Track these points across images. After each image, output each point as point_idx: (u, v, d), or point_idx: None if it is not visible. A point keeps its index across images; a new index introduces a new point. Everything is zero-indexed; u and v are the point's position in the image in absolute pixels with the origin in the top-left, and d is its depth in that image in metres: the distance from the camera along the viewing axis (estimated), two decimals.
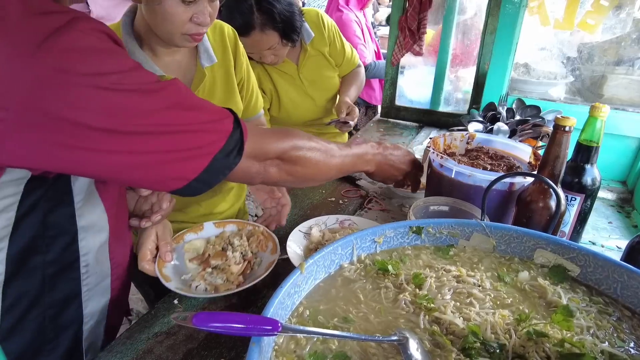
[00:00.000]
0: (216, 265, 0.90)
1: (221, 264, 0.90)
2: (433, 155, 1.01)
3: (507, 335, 0.57)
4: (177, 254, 0.94)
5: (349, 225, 1.07)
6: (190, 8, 0.95)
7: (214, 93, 1.17)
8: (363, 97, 2.85)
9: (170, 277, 0.87)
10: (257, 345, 0.49)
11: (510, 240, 0.75)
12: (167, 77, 1.06)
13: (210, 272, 0.89)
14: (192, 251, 0.96)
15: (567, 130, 0.82)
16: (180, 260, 0.93)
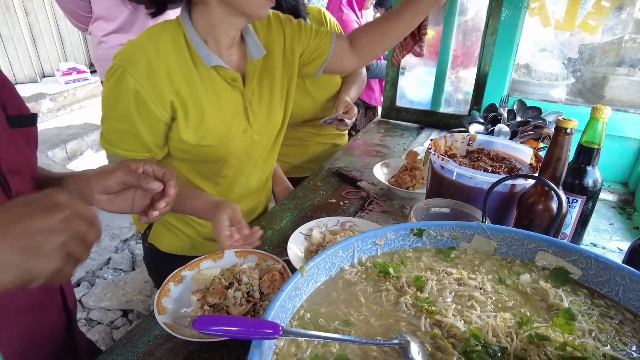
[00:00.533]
0: (214, 304, 0.81)
1: (219, 303, 0.82)
2: (434, 157, 1.01)
3: (508, 338, 0.57)
4: (185, 284, 0.88)
5: (349, 227, 1.07)
6: None
7: (262, 84, 1.18)
8: (363, 98, 2.86)
9: (168, 309, 0.81)
10: (258, 349, 0.49)
11: (511, 243, 0.75)
12: (231, 72, 1.08)
13: (205, 311, 0.80)
14: (200, 282, 0.88)
15: (568, 132, 0.82)
16: (186, 290, 0.87)
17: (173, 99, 1.01)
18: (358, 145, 1.85)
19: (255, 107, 1.17)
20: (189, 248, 1.29)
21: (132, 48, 1.00)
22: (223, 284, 0.84)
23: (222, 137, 1.10)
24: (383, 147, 1.81)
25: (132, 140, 1.03)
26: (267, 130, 1.22)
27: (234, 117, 1.12)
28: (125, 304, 2.39)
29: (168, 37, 1.01)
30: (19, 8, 4.88)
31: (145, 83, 0.97)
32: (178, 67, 1.01)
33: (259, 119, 1.18)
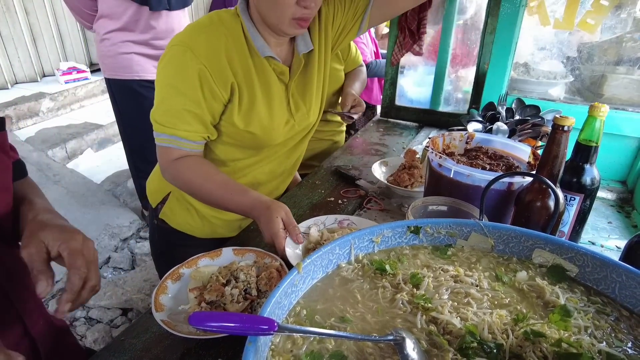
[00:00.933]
0: (211, 301, 0.81)
1: (216, 300, 0.81)
2: (432, 155, 1.01)
3: (504, 335, 0.57)
4: (182, 282, 0.88)
5: (347, 225, 1.07)
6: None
7: (305, 76, 1.21)
8: (362, 96, 2.84)
9: (166, 306, 0.81)
10: (254, 345, 0.49)
11: (508, 240, 0.75)
12: (281, 66, 1.12)
13: (202, 308, 0.80)
14: (198, 279, 0.88)
15: (565, 129, 0.82)
16: (183, 288, 0.87)
17: (233, 81, 1.05)
18: (357, 143, 1.85)
19: (298, 99, 1.21)
20: (198, 228, 1.30)
21: (194, 30, 1.04)
22: (220, 282, 0.84)
23: (267, 126, 1.14)
24: (382, 145, 1.81)
25: (194, 121, 1.05)
26: (306, 121, 1.26)
27: (279, 107, 1.16)
28: (124, 302, 2.39)
29: (227, 24, 1.06)
30: (19, 8, 4.88)
31: (207, 63, 1.01)
32: (236, 53, 1.05)
33: (300, 110, 1.22)
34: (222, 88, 1.04)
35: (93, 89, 5.38)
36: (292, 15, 1.01)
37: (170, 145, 1.06)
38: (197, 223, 1.30)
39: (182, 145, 1.06)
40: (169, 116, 1.04)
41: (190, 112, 1.03)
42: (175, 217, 1.30)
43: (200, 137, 1.08)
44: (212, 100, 1.05)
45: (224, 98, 1.06)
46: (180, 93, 1.02)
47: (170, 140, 1.06)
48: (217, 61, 1.02)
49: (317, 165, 1.63)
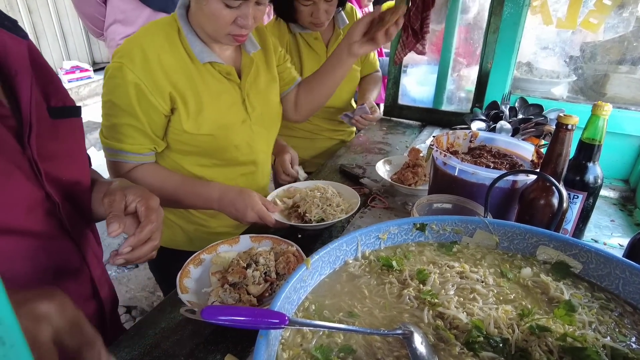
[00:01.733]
0: (234, 283, 0.85)
1: (239, 282, 0.85)
2: (436, 154, 1.02)
3: (510, 330, 0.58)
4: (204, 267, 0.93)
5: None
6: (234, 11, 0.99)
7: (258, 77, 1.24)
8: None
9: (190, 288, 0.85)
10: (265, 339, 0.50)
11: (513, 237, 0.76)
12: (226, 67, 1.12)
13: (225, 289, 0.84)
14: (219, 264, 0.92)
15: (569, 128, 0.83)
16: (205, 272, 0.92)
17: (171, 91, 1.04)
18: (360, 142, 1.86)
19: (253, 99, 1.21)
20: (185, 243, 1.31)
21: (129, 44, 1.04)
22: (241, 265, 0.88)
23: (221, 127, 1.13)
24: (385, 144, 1.82)
25: (136, 134, 1.06)
26: (266, 121, 1.27)
27: (231, 108, 1.16)
28: (128, 300, 2.41)
29: (163, 33, 1.06)
30: (23, 6, 4.90)
31: (143, 76, 1.01)
32: (174, 61, 1.05)
33: (257, 110, 1.22)
34: (160, 99, 1.04)
35: (96, 88, 5.40)
36: (229, 32, 1.03)
37: (118, 160, 1.08)
38: (183, 238, 1.31)
39: (130, 158, 1.08)
40: (112, 131, 1.05)
41: (131, 126, 1.04)
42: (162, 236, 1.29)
43: (146, 149, 1.09)
44: (151, 113, 1.04)
45: (165, 109, 1.05)
46: (120, 108, 1.03)
47: (117, 155, 1.07)
48: (152, 73, 1.02)
49: (322, 164, 1.64)
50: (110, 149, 1.07)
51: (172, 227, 1.29)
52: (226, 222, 1.30)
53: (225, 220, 1.28)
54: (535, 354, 0.54)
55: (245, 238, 1.01)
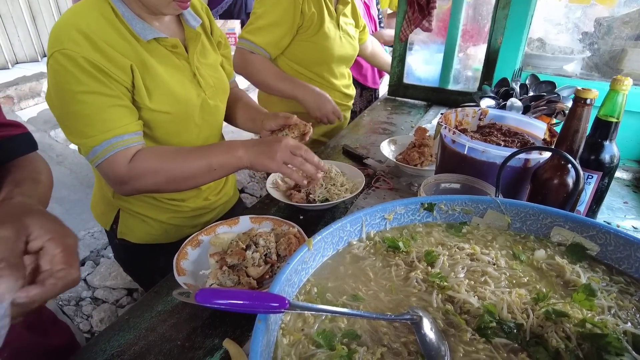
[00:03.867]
0: (233, 265, 0.82)
1: (238, 264, 0.82)
2: (445, 131, 0.97)
3: (524, 315, 0.55)
4: (202, 248, 0.90)
5: None
6: None
7: (206, 53, 1.18)
8: (357, 78, 2.72)
9: (187, 270, 0.82)
10: (264, 323, 0.47)
11: (526, 218, 0.72)
12: (171, 40, 1.05)
13: (224, 271, 0.80)
14: (218, 245, 0.89)
15: (588, 102, 0.78)
16: (203, 254, 0.88)
17: (132, 64, 0.96)
18: (364, 122, 1.81)
19: (204, 72, 1.15)
20: (162, 235, 1.23)
21: (62, 30, 0.92)
22: (241, 246, 0.85)
23: (179, 102, 1.06)
24: (390, 124, 1.77)
25: (121, 113, 0.95)
26: (219, 94, 1.22)
27: (184, 83, 1.08)
28: (130, 283, 2.40)
29: (97, 12, 0.95)
30: None
31: (94, 56, 0.91)
32: (119, 39, 0.96)
33: (209, 83, 1.16)
34: (120, 72, 0.94)
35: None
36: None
37: (116, 151, 0.94)
38: (158, 230, 1.22)
39: (125, 142, 0.95)
40: (97, 123, 0.93)
41: (114, 106, 0.94)
42: (134, 233, 1.22)
43: (138, 126, 0.99)
44: (119, 87, 0.95)
45: (127, 82, 0.96)
46: (92, 94, 0.91)
47: (112, 146, 0.94)
48: (102, 51, 0.92)
49: (326, 142, 1.60)
50: (101, 145, 0.94)
51: (145, 220, 1.20)
52: (199, 202, 1.24)
53: (198, 199, 1.24)
54: (552, 341, 0.51)
55: (245, 219, 0.97)
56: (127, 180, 0.96)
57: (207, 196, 1.27)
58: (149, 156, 0.97)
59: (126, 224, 1.20)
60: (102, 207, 1.23)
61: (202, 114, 1.15)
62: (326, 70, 1.78)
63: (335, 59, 1.75)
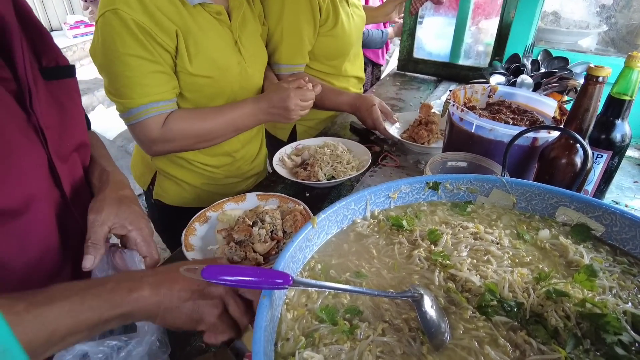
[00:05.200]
0: (240, 241, 0.84)
1: (245, 240, 0.84)
2: (453, 109, 0.96)
3: (525, 294, 0.55)
4: (210, 224, 0.91)
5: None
6: None
7: (247, 22, 1.21)
8: (369, 56, 2.65)
9: (195, 246, 0.84)
10: (268, 299, 0.48)
11: (531, 197, 0.72)
12: (216, 6, 1.07)
13: (231, 247, 0.82)
14: (225, 222, 0.91)
15: (600, 80, 0.76)
16: (211, 230, 0.90)
17: (177, 29, 1.00)
18: None
19: (245, 41, 1.18)
20: (194, 199, 1.29)
21: None
22: (247, 223, 0.86)
23: (219, 68, 1.10)
24: (398, 100, 1.75)
25: (161, 80, 1.01)
26: (258, 63, 1.25)
27: (226, 49, 1.12)
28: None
29: None
30: None
31: (143, 18, 0.94)
32: (167, 3, 0.99)
33: (249, 51, 1.20)
34: (166, 37, 0.98)
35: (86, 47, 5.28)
36: None
37: (151, 115, 1.00)
38: (191, 194, 1.29)
39: (161, 108, 1.01)
40: (137, 86, 0.97)
41: (154, 72, 0.99)
42: (168, 195, 1.28)
43: (173, 94, 1.05)
44: (163, 52, 0.99)
45: (171, 47, 1.00)
46: (136, 58, 0.95)
47: (148, 110, 1.00)
48: (151, 14, 0.95)
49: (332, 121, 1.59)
50: (138, 108, 0.99)
51: (180, 184, 1.27)
52: (232, 170, 1.31)
53: (232, 167, 1.30)
54: (551, 320, 0.51)
55: (252, 196, 0.99)
56: (157, 142, 1.04)
57: (241, 165, 1.33)
58: (179, 120, 1.04)
59: (162, 186, 1.27)
60: (141, 169, 1.30)
61: (240, 81, 1.18)
62: (344, 59, 1.67)
63: (354, 43, 1.64)
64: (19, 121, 0.61)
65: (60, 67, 0.71)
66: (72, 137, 0.73)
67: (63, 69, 0.72)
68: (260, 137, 1.44)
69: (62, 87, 0.71)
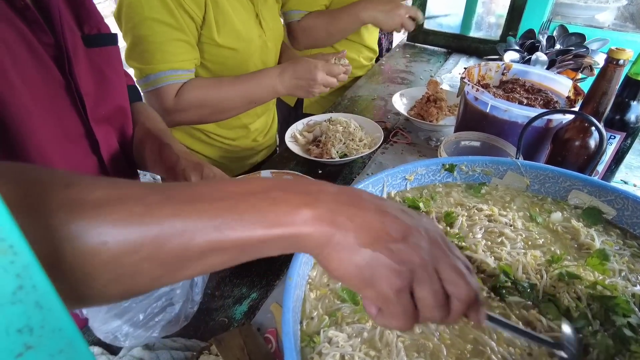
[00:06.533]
0: None
1: None
2: (468, 88, 0.96)
3: (538, 275, 0.57)
4: None
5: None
6: None
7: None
8: None
9: None
10: (294, 280, 0.50)
11: (545, 180, 0.73)
12: None
13: None
14: None
15: (620, 63, 0.75)
16: None
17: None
18: (382, 71, 1.77)
19: (265, 14, 1.19)
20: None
21: None
22: None
23: (243, 40, 1.10)
24: (408, 73, 1.73)
25: (183, 49, 1.00)
26: (276, 39, 1.25)
27: (249, 21, 1.13)
28: None
29: None
30: None
31: None
32: None
33: (269, 25, 1.20)
34: (194, 6, 0.98)
35: (103, 10, 5.15)
36: None
37: (168, 83, 1.00)
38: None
39: (179, 77, 1.01)
40: (157, 52, 0.97)
41: (178, 40, 0.98)
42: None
43: (192, 64, 1.05)
44: (189, 21, 0.99)
45: (198, 16, 1.00)
46: (161, 23, 0.95)
47: (166, 77, 1.00)
48: None
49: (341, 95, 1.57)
50: (157, 74, 0.99)
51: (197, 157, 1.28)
52: (248, 142, 1.33)
53: (247, 140, 1.32)
54: (563, 300, 0.54)
55: (267, 173, 1.00)
56: (171, 112, 1.03)
57: (256, 137, 1.35)
58: (194, 88, 1.04)
59: None
60: None
61: (261, 55, 1.19)
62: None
63: None
64: (59, 87, 0.62)
65: (102, 35, 0.71)
66: (111, 102, 0.74)
67: (105, 37, 0.72)
68: (273, 108, 1.46)
69: (103, 54, 0.71)
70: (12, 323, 0.17)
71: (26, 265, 0.17)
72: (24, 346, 0.18)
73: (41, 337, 0.19)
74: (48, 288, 0.19)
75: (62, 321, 0.20)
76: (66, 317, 0.21)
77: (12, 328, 0.17)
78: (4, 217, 0.16)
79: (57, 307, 0.20)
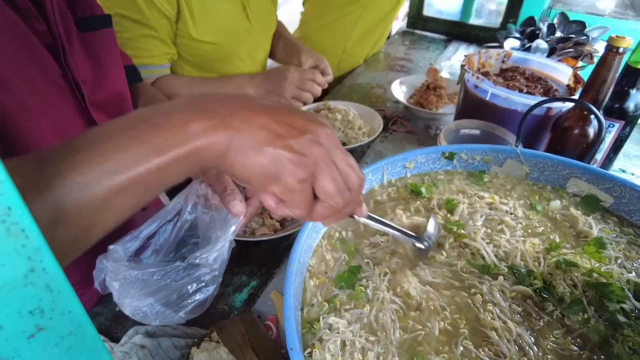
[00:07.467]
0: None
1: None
2: (469, 75, 0.96)
3: (536, 263, 0.58)
4: None
5: None
6: None
7: None
8: None
9: None
10: (295, 267, 0.51)
11: (544, 168, 0.73)
12: None
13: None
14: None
15: (620, 51, 0.75)
16: None
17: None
18: (381, 58, 1.76)
19: (254, 6, 1.15)
20: None
21: None
22: None
23: (226, 34, 1.09)
24: (407, 61, 1.72)
25: (154, 45, 1.00)
26: (266, 31, 1.22)
27: (234, 14, 1.10)
28: None
29: None
30: None
31: None
32: None
33: (258, 17, 1.17)
34: (166, 4, 0.97)
35: None
36: None
37: None
38: None
39: (150, 73, 1.02)
40: (127, 48, 0.96)
41: (147, 36, 0.98)
42: None
43: (165, 59, 1.04)
44: (161, 18, 0.98)
45: (171, 13, 0.99)
46: (130, 20, 0.95)
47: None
48: None
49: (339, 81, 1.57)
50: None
51: None
52: None
53: None
54: (559, 287, 0.54)
55: None
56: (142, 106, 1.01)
57: None
58: (165, 87, 1.03)
59: None
60: None
61: (248, 49, 1.17)
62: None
63: None
64: (55, 76, 0.61)
65: (95, 17, 0.70)
66: (109, 87, 0.72)
67: (98, 19, 0.70)
68: None
69: (98, 38, 0.70)
70: (24, 305, 0.17)
71: (37, 249, 0.17)
72: (35, 327, 0.18)
73: (51, 319, 0.19)
74: (57, 271, 0.19)
75: (71, 304, 0.21)
76: (75, 300, 0.21)
77: (25, 310, 0.17)
78: (15, 201, 0.16)
79: (66, 290, 0.20)
